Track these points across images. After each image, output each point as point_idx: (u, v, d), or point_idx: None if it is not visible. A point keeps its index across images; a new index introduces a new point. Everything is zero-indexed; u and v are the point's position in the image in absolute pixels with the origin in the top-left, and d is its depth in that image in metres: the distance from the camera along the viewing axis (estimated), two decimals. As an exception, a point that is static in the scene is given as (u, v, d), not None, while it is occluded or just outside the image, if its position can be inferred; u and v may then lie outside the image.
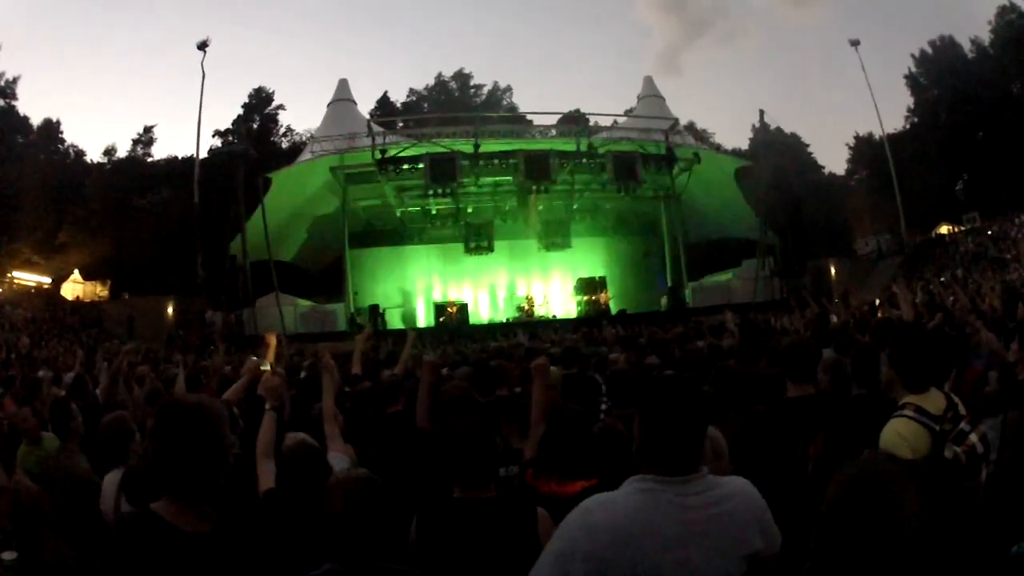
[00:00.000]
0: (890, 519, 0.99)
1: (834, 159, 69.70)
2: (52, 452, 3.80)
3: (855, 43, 30.80)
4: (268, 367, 4.44)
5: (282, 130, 39.37)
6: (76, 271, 31.10)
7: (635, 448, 1.61)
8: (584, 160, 21.36)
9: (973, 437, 2.28)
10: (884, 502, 1.00)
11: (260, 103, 38.46)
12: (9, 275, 28.62)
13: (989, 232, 27.84)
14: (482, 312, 23.39)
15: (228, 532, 1.76)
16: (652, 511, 1.48)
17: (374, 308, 21.43)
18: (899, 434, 2.27)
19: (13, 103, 34.41)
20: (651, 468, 1.55)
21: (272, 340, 5.17)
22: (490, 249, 22.56)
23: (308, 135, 31.65)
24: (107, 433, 3.28)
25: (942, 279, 20.50)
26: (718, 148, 31.22)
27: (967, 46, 36.95)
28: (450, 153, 20.60)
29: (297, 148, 31.97)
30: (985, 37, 36.17)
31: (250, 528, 1.89)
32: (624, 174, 21.44)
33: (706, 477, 1.56)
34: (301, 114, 71.86)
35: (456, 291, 23.47)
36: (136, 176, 34.88)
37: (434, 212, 22.60)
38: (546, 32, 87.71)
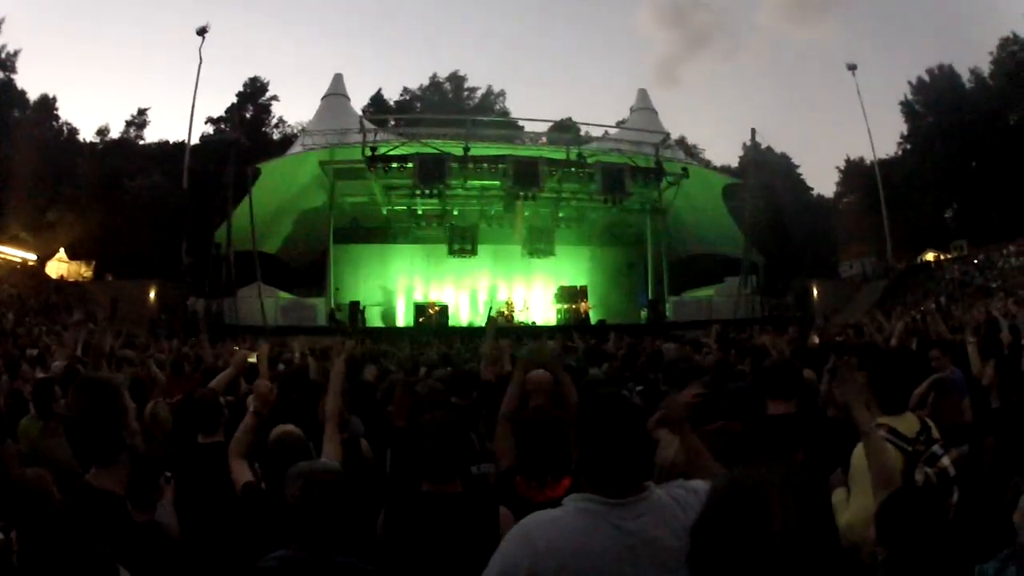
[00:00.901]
0: (758, 528, 0.98)
1: (824, 181, 69.94)
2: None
3: (852, 67, 31.04)
4: (255, 359, 4.61)
5: (274, 121, 39.29)
6: (62, 250, 30.98)
7: (575, 465, 1.60)
8: (573, 169, 21.44)
9: (945, 460, 2.33)
10: (753, 510, 1.00)
11: (254, 92, 38.28)
12: (-4, 250, 28.48)
13: (975, 260, 28.00)
14: (462, 315, 23.41)
15: (140, 494, 2.05)
16: (592, 534, 1.45)
17: (354, 305, 21.43)
18: None
19: (12, 76, 34.30)
20: (591, 486, 1.52)
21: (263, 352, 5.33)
22: (474, 252, 22.60)
23: (300, 128, 31.60)
24: None
25: (923, 309, 20.64)
26: (708, 164, 31.34)
27: (966, 76, 37.16)
28: (440, 154, 20.64)
29: (288, 140, 31.88)
30: (985, 68, 36.36)
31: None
32: (612, 185, 21.53)
33: (649, 496, 1.51)
34: (294, 106, 71.80)
35: (437, 292, 23.49)
36: (127, 158, 34.72)
37: (420, 212, 22.64)
38: (543, 38, 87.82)
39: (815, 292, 26.09)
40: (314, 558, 1.75)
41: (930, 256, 31.87)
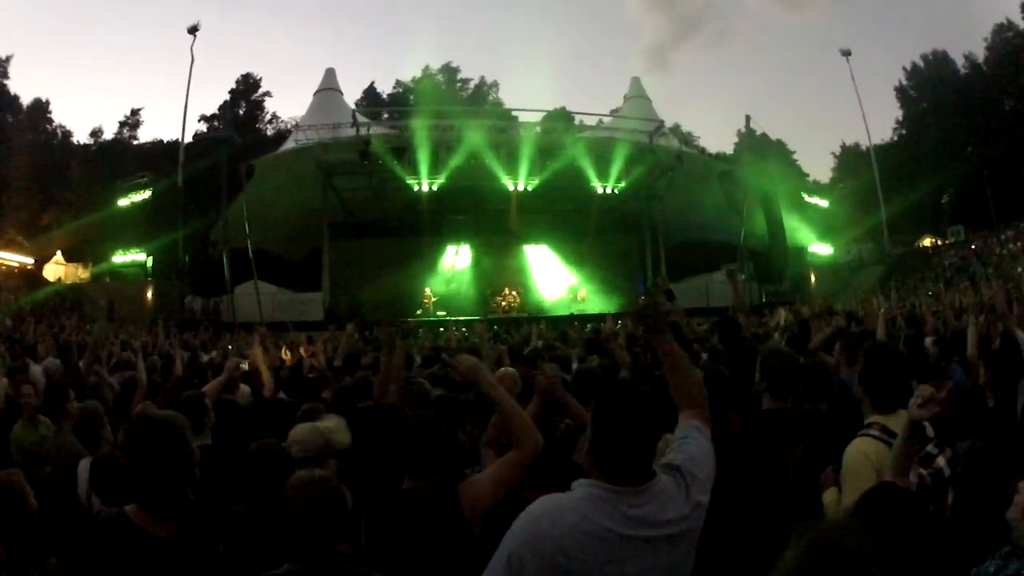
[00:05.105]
0: None
1: (819, 167, 69.92)
2: (49, 434, 3.79)
3: (846, 53, 30.97)
4: (246, 366, 4.76)
5: (268, 117, 39.32)
6: (59, 252, 30.97)
7: (587, 451, 1.59)
8: (568, 158, 21.44)
9: (940, 460, 2.24)
10: None
11: (247, 89, 38.29)
12: (-7, 256, 28.47)
13: (973, 246, 27.98)
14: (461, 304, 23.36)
15: (194, 539, 1.88)
16: (600, 520, 1.46)
17: (353, 299, 21.43)
18: (863, 453, 2.22)
19: (4, 82, 34.30)
20: (602, 474, 1.53)
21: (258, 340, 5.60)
22: (471, 244, 22.60)
23: (293, 123, 31.56)
24: (80, 420, 3.30)
25: (930, 292, 20.57)
26: (703, 151, 31.28)
27: (960, 62, 37.11)
28: (434, 147, 20.64)
29: (282, 136, 31.85)
30: (979, 54, 36.30)
31: (215, 537, 1.98)
32: (607, 173, 21.56)
33: (657, 483, 1.54)
34: (287, 102, 71.33)
35: (435, 283, 23.44)
36: (122, 159, 34.71)
37: (415, 205, 22.60)
38: (536, 27, 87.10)
39: (812, 278, 26.05)
40: (323, 570, 1.71)
41: (927, 242, 31.88)
